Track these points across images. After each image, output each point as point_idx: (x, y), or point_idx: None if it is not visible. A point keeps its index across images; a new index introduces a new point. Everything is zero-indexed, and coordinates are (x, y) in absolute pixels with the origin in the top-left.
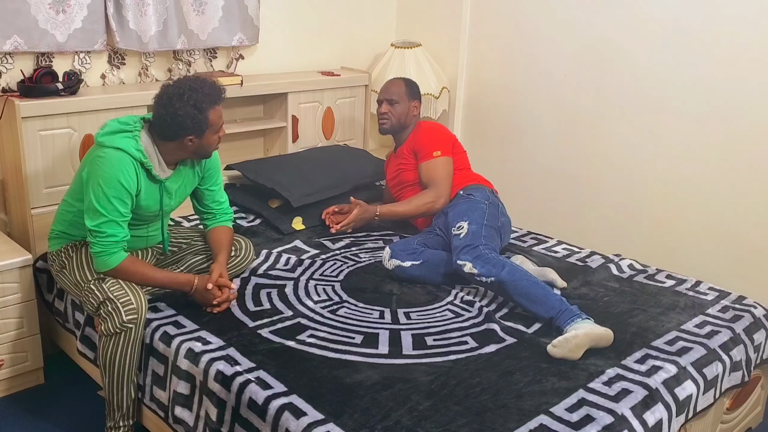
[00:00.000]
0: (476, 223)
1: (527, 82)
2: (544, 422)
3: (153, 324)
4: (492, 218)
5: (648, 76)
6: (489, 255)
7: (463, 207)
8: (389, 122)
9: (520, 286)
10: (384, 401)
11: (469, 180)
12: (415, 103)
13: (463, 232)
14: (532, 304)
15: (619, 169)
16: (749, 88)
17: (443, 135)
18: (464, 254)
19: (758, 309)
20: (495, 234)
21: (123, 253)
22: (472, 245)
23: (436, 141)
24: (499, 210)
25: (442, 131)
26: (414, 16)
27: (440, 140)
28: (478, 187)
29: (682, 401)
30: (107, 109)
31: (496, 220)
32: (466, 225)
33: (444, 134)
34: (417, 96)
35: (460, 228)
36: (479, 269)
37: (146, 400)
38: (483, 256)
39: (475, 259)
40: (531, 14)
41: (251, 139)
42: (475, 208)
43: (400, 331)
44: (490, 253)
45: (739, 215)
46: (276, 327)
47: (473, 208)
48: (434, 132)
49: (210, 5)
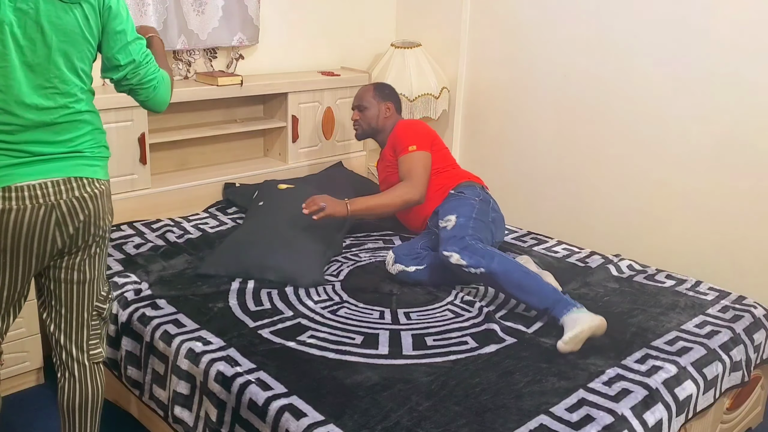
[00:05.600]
0: (464, 216)
1: (527, 82)
2: (544, 422)
3: (153, 322)
4: (482, 213)
5: (648, 76)
6: (476, 246)
7: (453, 203)
8: (360, 128)
9: (512, 278)
10: (384, 402)
11: (459, 178)
12: (387, 104)
13: (450, 224)
14: (525, 295)
15: (619, 169)
16: (749, 87)
17: (420, 130)
18: (450, 245)
19: (758, 309)
20: (484, 227)
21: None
22: (458, 236)
23: (412, 136)
24: (490, 206)
25: (418, 127)
26: (414, 16)
27: (416, 135)
28: (469, 185)
29: (682, 401)
30: (107, 109)
31: (486, 215)
32: (454, 218)
33: (421, 130)
34: (389, 98)
35: (448, 221)
36: (467, 260)
37: (145, 398)
38: (470, 247)
39: (462, 250)
40: (531, 14)
41: (251, 139)
42: (464, 204)
43: (400, 331)
44: (477, 243)
45: (739, 215)
46: (277, 327)
47: (463, 203)
48: (410, 128)
49: (210, 5)
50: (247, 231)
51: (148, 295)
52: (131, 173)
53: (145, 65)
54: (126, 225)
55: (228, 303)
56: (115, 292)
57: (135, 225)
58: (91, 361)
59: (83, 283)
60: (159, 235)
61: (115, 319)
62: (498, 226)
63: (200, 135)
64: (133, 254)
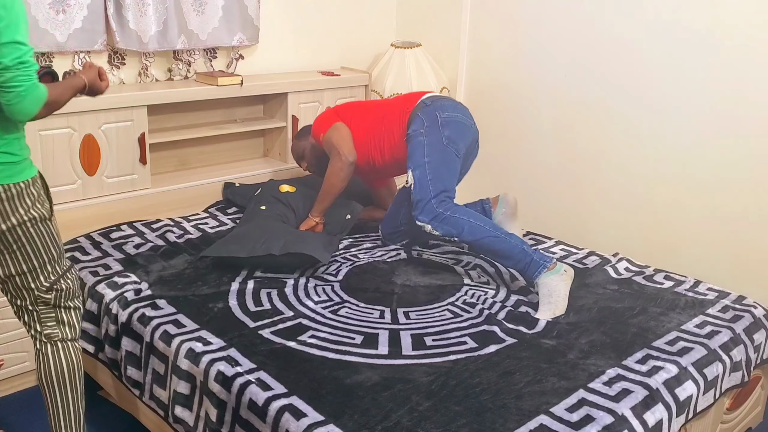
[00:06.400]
0: (419, 166)
1: (527, 82)
2: (544, 422)
3: (153, 322)
4: (433, 146)
5: (648, 76)
6: (444, 214)
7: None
8: (316, 172)
9: (483, 245)
10: (384, 402)
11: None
12: (309, 140)
13: (411, 183)
14: (499, 259)
15: (619, 169)
16: (749, 87)
17: (318, 123)
18: (421, 214)
19: (758, 309)
20: (441, 162)
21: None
22: (423, 200)
23: (317, 130)
24: (439, 122)
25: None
26: (414, 16)
27: (317, 129)
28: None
29: (682, 401)
30: (107, 109)
31: (438, 141)
32: (411, 173)
33: (319, 121)
34: (307, 133)
35: (408, 179)
36: (439, 231)
37: (145, 398)
38: (439, 216)
39: (432, 220)
40: (531, 14)
41: (251, 139)
42: (415, 148)
43: (400, 331)
44: (446, 210)
45: (739, 215)
46: (277, 327)
47: (414, 148)
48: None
49: (210, 5)
50: (249, 226)
51: (148, 295)
52: (131, 173)
53: (15, 70)
54: (126, 225)
55: (228, 303)
56: (114, 292)
57: (135, 225)
58: (50, 339)
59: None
60: (159, 235)
61: (115, 319)
62: (457, 130)
63: (200, 135)
64: (133, 254)
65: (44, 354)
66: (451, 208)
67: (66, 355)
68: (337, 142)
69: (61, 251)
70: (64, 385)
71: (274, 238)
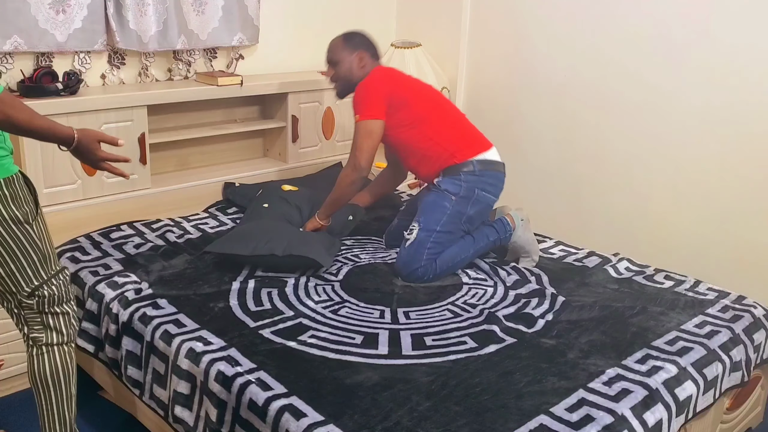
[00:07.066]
0: (427, 231)
1: (527, 83)
2: (544, 422)
3: (154, 322)
4: (452, 219)
5: (648, 76)
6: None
7: (429, 201)
8: (336, 85)
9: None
10: (384, 402)
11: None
12: (359, 53)
13: (410, 239)
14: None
15: (618, 169)
16: (749, 88)
17: (370, 94)
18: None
19: (758, 309)
20: (447, 236)
21: None
22: (410, 265)
23: (360, 102)
24: (471, 200)
25: (371, 89)
26: (414, 16)
27: (363, 101)
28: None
29: (682, 401)
30: (107, 109)
31: (459, 217)
32: (416, 230)
33: (372, 93)
34: (360, 45)
35: (411, 231)
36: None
37: (146, 398)
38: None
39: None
40: (531, 14)
41: (251, 139)
42: (436, 208)
43: (399, 331)
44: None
45: (739, 215)
46: (278, 327)
47: (436, 206)
48: (363, 90)
49: (210, 5)
50: (253, 225)
51: (148, 294)
52: (131, 173)
53: None
54: (126, 225)
55: (228, 303)
56: (115, 291)
57: (135, 225)
58: (36, 343)
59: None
60: (159, 235)
61: (116, 318)
62: (481, 213)
63: (200, 135)
64: (133, 254)
65: (31, 356)
66: (433, 269)
67: (51, 359)
68: (358, 152)
69: (45, 256)
70: (49, 388)
71: (277, 238)
